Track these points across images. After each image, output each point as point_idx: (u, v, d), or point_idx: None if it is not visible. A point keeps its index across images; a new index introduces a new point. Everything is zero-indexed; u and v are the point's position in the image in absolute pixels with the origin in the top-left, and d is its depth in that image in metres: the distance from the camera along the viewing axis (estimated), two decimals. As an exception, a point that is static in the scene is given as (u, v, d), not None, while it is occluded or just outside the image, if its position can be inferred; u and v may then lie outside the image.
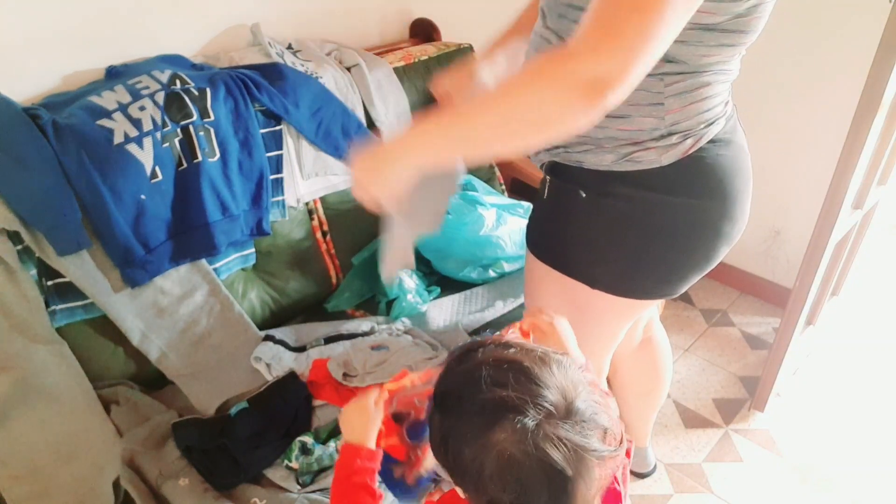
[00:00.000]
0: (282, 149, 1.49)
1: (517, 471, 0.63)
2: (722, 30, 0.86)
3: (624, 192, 0.97)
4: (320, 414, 1.30)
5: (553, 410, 0.64)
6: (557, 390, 0.65)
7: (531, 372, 0.66)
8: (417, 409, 1.03)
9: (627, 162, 0.95)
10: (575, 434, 0.63)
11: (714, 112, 0.95)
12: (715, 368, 2.11)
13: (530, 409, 0.63)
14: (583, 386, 0.68)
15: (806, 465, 1.80)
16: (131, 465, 1.18)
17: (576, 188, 1.01)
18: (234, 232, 1.42)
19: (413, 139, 0.83)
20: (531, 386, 0.65)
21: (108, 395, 1.30)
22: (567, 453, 0.62)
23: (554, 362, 0.69)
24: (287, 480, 1.17)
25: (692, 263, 1.04)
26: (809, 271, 1.67)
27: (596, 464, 0.64)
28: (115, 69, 1.39)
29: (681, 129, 0.94)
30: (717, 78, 0.93)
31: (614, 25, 0.69)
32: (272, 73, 1.48)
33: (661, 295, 1.09)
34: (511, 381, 0.66)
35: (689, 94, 0.92)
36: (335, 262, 1.67)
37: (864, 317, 2.31)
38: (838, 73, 1.89)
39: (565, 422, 0.64)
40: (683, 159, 0.95)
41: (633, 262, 1.03)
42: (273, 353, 1.39)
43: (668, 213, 0.98)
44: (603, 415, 0.67)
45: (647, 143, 0.94)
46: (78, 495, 1.16)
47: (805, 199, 2.09)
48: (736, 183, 0.99)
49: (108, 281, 1.27)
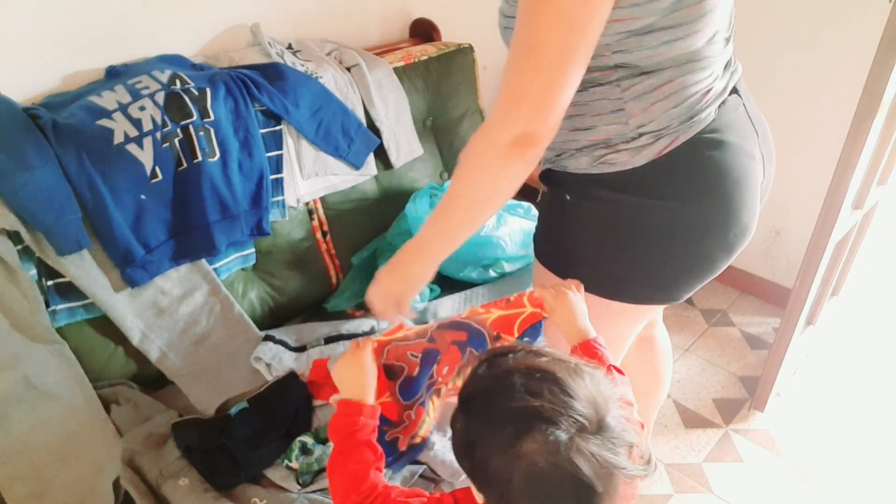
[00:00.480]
0: (282, 149, 1.49)
1: (547, 484, 0.62)
2: (660, 28, 0.84)
3: (602, 195, 0.97)
4: (320, 414, 1.30)
5: (586, 424, 0.63)
6: (589, 403, 0.64)
7: (564, 383, 0.65)
8: (410, 363, 1.01)
9: (602, 164, 0.95)
10: (605, 450, 0.62)
11: (687, 105, 0.91)
12: (715, 368, 2.11)
13: (563, 421, 0.62)
14: (613, 401, 0.66)
15: (806, 465, 1.80)
16: (131, 465, 1.18)
17: (562, 192, 1.02)
18: (234, 232, 1.42)
19: (414, 267, 0.99)
20: (564, 397, 0.64)
21: (108, 395, 1.30)
22: (598, 469, 0.61)
23: (587, 374, 0.68)
24: (287, 480, 1.17)
25: (684, 269, 1.01)
26: (809, 271, 1.67)
27: (623, 481, 0.63)
28: (115, 69, 1.39)
29: (649, 129, 0.91)
30: (682, 71, 0.89)
31: (519, 89, 0.80)
32: (272, 73, 1.48)
33: (657, 300, 1.07)
34: (544, 391, 0.64)
35: (649, 95, 0.89)
36: (335, 262, 1.67)
37: (864, 317, 2.31)
38: (838, 73, 1.89)
39: (596, 436, 0.63)
40: (659, 159, 0.92)
41: (618, 264, 1.01)
42: (273, 353, 1.39)
43: (648, 215, 0.95)
44: (631, 432, 0.66)
45: (618, 145, 0.93)
46: (78, 495, 1.16)
47: (805, 199, 2.09)
48: (725, 185, 0.94)
49: (108, 281, 1.27)
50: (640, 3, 0.81)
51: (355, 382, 0.87)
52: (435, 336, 1.01)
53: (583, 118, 0.93)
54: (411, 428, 1.05)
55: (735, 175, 0.95)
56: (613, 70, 0.88)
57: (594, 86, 0.90)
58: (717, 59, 0.93)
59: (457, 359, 1.01)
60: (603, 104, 0.91)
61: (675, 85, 0.89)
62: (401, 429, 1.04)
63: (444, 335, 1.01)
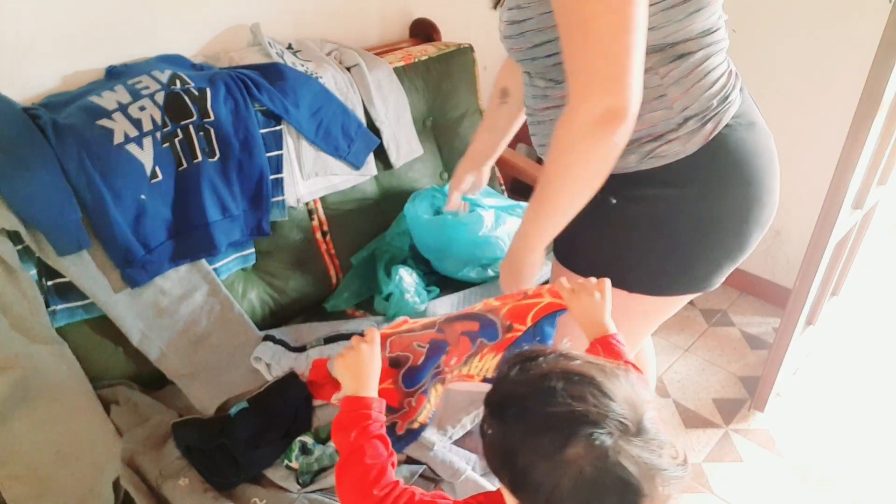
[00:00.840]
0: (282, 149, 1.49)
1: (594, 488, 0.62)
2: (683, 1, 0.87)
3: (652, 194, 0.98)
4: (320, 414, 1.30)
5: (628, 426, 0.63)
6: (628, 405, 0.64)
7: (603, 385, 0.65)
8: (416, 353, 1.00)
9: (652, 159, 0.96)
10: (647, 452, 0.62)
11: (721, 86, 0.95)
12: (715, 368, 2.11)
13: (607, 425, 0.62)
14: (647, 401, 0.66)
15: (806, 465, 1.80)
16: (131, 465, 1.18)
17: (606, 196, 0.99)
18: (234, 232, 1.42)
19: (531, 240, 1.00)
20: (605, 400, 0.63)
21: (108, 395, 1.30)
22: (642, 471, 0.61)
23: (621, 376, 0.67)
24: (287, 480, 1.17)
25: (726, 254, 1.04)
26: (809, 271, 1.67)
27: (661, 482, 0.63)
28: (115, 69, 1.39)
29: (694, 112, 0.94)
30: (708, 51, 0.93)
31: (586, 67, 0.82)
32: (272, 73, 1.48)
33: (698, 289, 1.09)
34: (586, 395, 0.64)
35: (686, 78, 0.92)
36: (335, 262, 1.67)
37: (864, 317, 2.31)
38: (838, 73, 1.89)
39: (638, 438, 0.63)
40: (708, 145, 0.95)
41: (667, 261, 1.03)
42: (273, 353, 1.39)
43: (697, 208, 0.98)
44: (664, 431, 0.66)
45: (667, 135, 0.95)
46: (78, 495, 1.16)
47: (805, 199, 2.08)
48: (761, 166, 0.99)
49: (108, 281, 1.27)
50: None
51: (360, 377, 0.86)
52: (444, 327, 1.01)
53: None
54: (410, 414, 1.04)
55: (767, 154, 1.00)
56: (648, 56, 0.88)
57: None
58: (724, 44, 0.97)
59: (466, 349, 1.01)
60: (645, 92, 0.90)
61: (706, 66, 0.93)
62: (399, 415, 1.04)
63: (454, 326, 1.01)
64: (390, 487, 0.77)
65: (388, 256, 1.65)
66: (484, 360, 1.02)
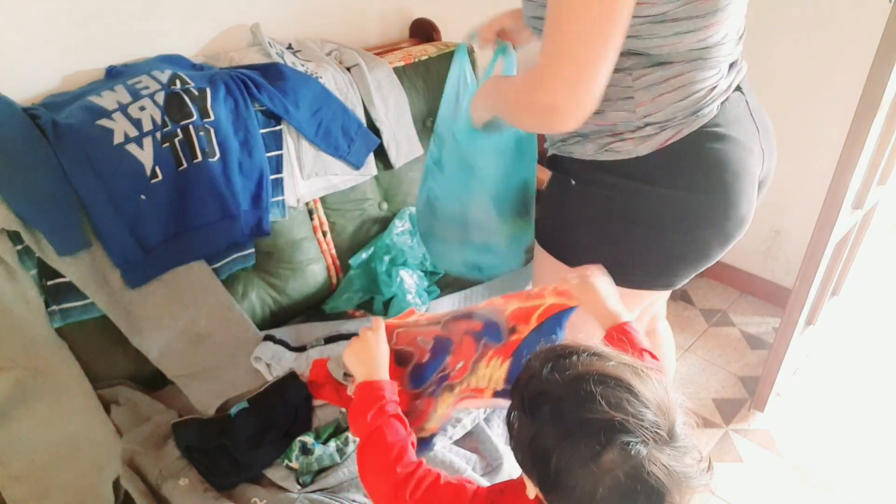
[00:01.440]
0: (282, 149, 1.49)
1: (628, 495, 0.63)
2: (673, 19, 0.86)
3: (607, 180, 1.00)
4: (320, 414, 1.30)
5: (662, 434, 0.64)
6: (661, 411, 0.65)
7: (638, 392, 0.65)
8: (420, 349, 1.00)
9: (607, 152, 0.98)
10: (676, 461, 0.63)
11: (693, 100, 0.94)
12: (715, 368, 2.11)
13: (642, 433, 0.63)
14: (678, 407, 0.67)
15: (806, 465, 1.80)
16: (131, 465, 1.18)
17: (567, 177, 1.05)
18: (234, 232, 1.42)
19: (489, 98, 1.05)
20: (641, 408, 0.64)
21: (108, 395, 1.30)
22: (673, 479, 0.63)
23: (654, 378, 0.68)
24: (287, 480, 1.17)
25: (679, 256, 1.04)
26: (809, 271, 1.67)
27: (688, 488, 0.64)
28: (115, 69, 1.39)
29: (655, 120, 0.94)
30: (692, 66, 0.92)
31: (555, 59, 0.82)
32: (272, 73, 1.48)
33: (652, 286, 1.09)
34: (623, 402, 0.64)
35: (658, 86, 0.92)
36: (335, 262, 1.67)
37: (864, 317, 2.31)
38: (838, 73, 1.89)
39: (669, 447, 0.64)
40: (662, 149, 0.95)
41: (616, 250, 1.04)
42: (273, 353, 1.39)
43: (649, 202, 0.99)
44: (692, 435, 0.67)
45: (624, 133, 0.96)
46: (78, 495, 1.16)
47: (805, 199, 2.09)
48: (724, 177, 0.97)
49: (108, 281, 1.27)
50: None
51: (370, 363, 0.86)
52: (448, 325, 1.00)
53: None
54: (419, 419, 1.03)
55: (734, 167, 0.98)
56: (626, 57, 0.90)
57: None
58: (725, 59, 0.96)
59: (471, 351, 1.00)
60: (613, 90, 0.92)
61: (683, 79, 0.92)
62: (412, 418, 1.03)
63: (458, 324, 1.00)
64: (413, 466, 0.77)
65: (388, 258, 1.65)
66: (491, 367, 1.00)
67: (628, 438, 0.62)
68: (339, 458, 1.18)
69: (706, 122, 0.95)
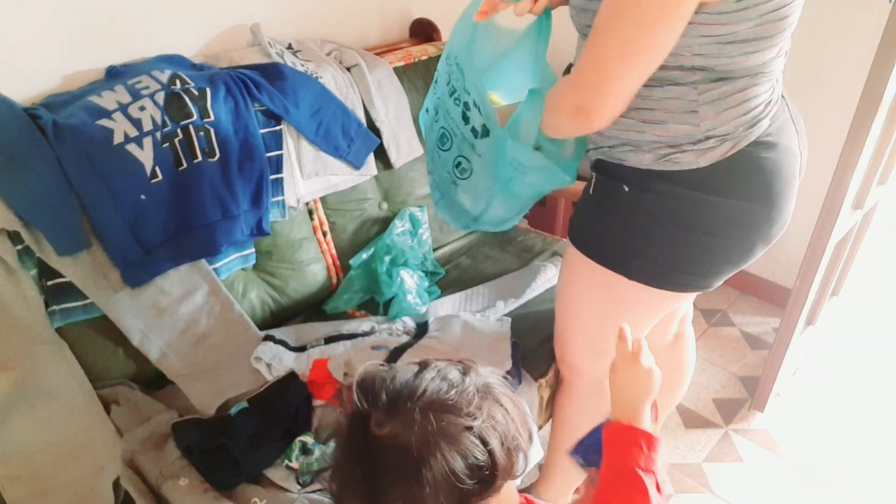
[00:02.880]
0: (282, 149, 1.49)
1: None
2: (743, 39, 0.89)
3: (664, 189, 1.01)
4: (320, 414, 1.30)
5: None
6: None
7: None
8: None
9: (666, 162, 0.99)
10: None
11: (753, 115, 0.97)
12: (715, 368, 2.11)
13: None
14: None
15: (806, 465, 1.80)
16: (131, 465, 1.18)
17: (619, 183, 1.05)
18: (234, 232, 1.41)
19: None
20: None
21: (108, 395, 1.30)
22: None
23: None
24: (287, 480, 1.17)
25: (727, 260, 1.07)
26: (809, 271, 1.67)
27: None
28: (115, 69, 1.39)
29: (717, 133, 0.96)
30: (754, 81, 0.95)
31: (588, 67, 0.89)
32: (272, 73, 1.48)
33: (695, 288, 1.12)
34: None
35: (723, 101, 0.94)
36: (335, 262, 1.67)
37: (864, 317, 2.31)
38: (838, 73, 1.89)
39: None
40: (722, 161, 0.97)
41: (669, 255, 1.06)
42: (273, 353, 1.39)
43: (706, 210, 1.01)
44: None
45: (685, 146, 0.97)
46: (78, 495, 1.16)
47: (805, 199, 2.07)
48: (776, 185, 1.01)
49: (108, 281, 1.27)
50: (728, 12, 0.85)
51: (633, 399, 0.80)
52: None
53: (654, 112, 0.97)
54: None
55: (785, 175, 1.02)
56: (692, 72, 0.92)
57: (671, 84, 0.94)
58: (779, 72, 1.01)
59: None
60: (678, 103, 0.95)
61: (746, 94, 0.95)
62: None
63: None
64: None
65: (387, 258, 1.65)
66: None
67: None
68: (339, 458, 1.18)
69: (763, 132, 0.98)
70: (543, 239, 1.88)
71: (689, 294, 1.15)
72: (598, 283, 1.14)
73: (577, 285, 1.20)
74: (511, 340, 1.42)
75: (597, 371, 1.31)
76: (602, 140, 1.05)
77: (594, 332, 1.23)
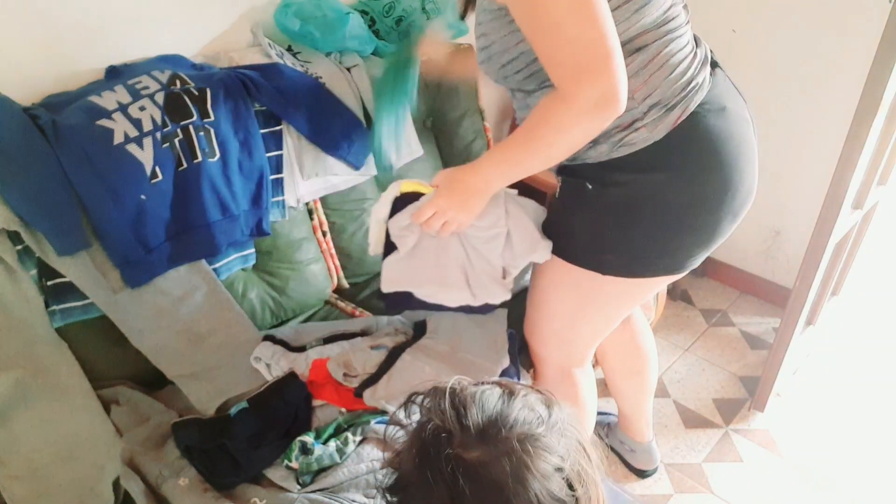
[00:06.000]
0: (282, 149, 1.49)
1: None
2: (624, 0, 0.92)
3: (625, 179, 1.02)
4: (320, 414, 1.30)
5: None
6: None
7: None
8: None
9: (623, 147, 1.00)
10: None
11: (683, 70, 0.99)
12: (715, 368, 2.11)
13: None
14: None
15: (806, 465, 1.80)
16: (131, 465, 1.18)
17: (582, 182, 1.06)
18: (234, 232, 1.42)
19: (492, 173, 1.06)
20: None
21: (108, 395, 1.30)
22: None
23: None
24: (287, 480, 1.17)
25: (696, 239, 1.08)
26: (809, 271, 1.67)
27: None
28: (115, 69, 1.39)
29: (656, 99, 0.98)
30: (665, 39, 0.97)
31: (577, 65, 0.88)
32: (272, 73, 1.48)
33: (670, 272, 1.13)
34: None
35: (644, 69, 0.97)
36: (335, 262, 1.67)
37: (864, 317, 2.31)
38: (838, 73, 1.89)
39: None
40: (675, 130, 0.98)
41: (640, 243, 1.07)
42: (273, 353, 1.39)
43: (668, 190, 1.02)
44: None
45: (634, 123, 0.99)
46: (78, 495, 1.16)
47: (805, 199, 2.08)
48: (732, 151, 1.02)
49: (108, 281, 1.27)
50: None
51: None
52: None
53: None
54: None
55: (737, 140, 1.03)
56: None
57: None
58: (686, 26, 1.01)
59: None
60: None
61: (663, 56, 0.97)
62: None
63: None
64: None
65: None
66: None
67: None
68: (338, 458, 1.18)
69: (705, 98, 1.00)
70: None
71: (662, 280, 1.16)
72: (571, 281, 1.16)
73: (548, 282, 1.23)
74: (508, 332, 1.41)
75: (561, 360, 1.34)
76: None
77: (563, 325, 1.26)
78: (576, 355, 1.33)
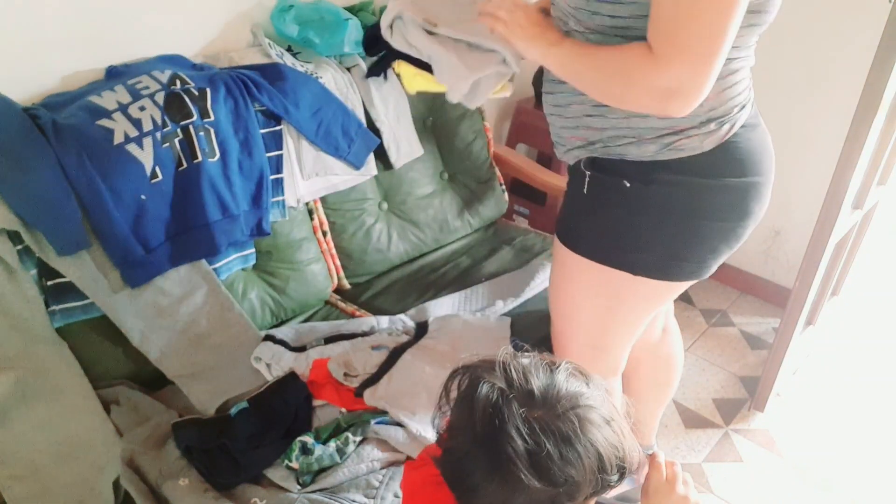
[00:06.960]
0: (282, 149, 1.49)
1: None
2: (750, 11, 0.89)
3: (668, 178, 1.01)
4: (320, 414, 1.30)
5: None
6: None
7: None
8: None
9: (670, 151, 0.99)
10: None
11: (743, 96, 1.00)
12: (715, 368, 2.11)
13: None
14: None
15: (806, 465, 1.80)
16: (131, 465, 1.18)
17: (619, 179, 1.04)
18: (234, 232, 1.42)
19: (550, 51, 0.99)
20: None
21: (108, 395, 1.30)
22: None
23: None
24: (287, 480, 1.17)
25: (726, 242, 1.09)
26: (809, 271, 1.67)
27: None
28: (115, 69, 1.39)
29: (717, 115, 0.98)
30: (742, 64, 0.98)
31: (685, 41, 0.83)
32: (272, 73, 1.48)
33: (696, 276, 1.12)
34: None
35: (721, 82, 0.95)
36: (335, 262, 1.67)
37: (864, 317, 2.31)
38: (838, 73, 1.89)
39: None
40: (722, 144, 0.99)
41: (676, 245, 1.07)
42: (273, 353, 1.39)
43: (711, 195, 1.03)
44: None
45: (689, 130, 0.98)
46: (78, 495, 1.16)
47: (805, 199, 2.09)
48: (766, 163, 1.05)
49: (108, 281, 1.27)
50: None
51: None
52: None
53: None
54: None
55: (770, 152, 1.07)
56: None
57: None
58: (753, 56, 1.02)
59: None
60: None
61: (737, 76, 0.98)
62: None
63: None
64: None
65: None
66: None
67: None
68: (338, 458, 1.18)
69: (749, 115, 1.02)
70: (543, 239, 1.89)
71: (688, 283, 1.16)
72: (599, 283, 1.13)
73: (575, 287, 1.18)
74: (511, 340, 1.42)
75: (596, 369, 1.31)
76: (595, 135, 1.03)
77: (595, 332, 1.23)
78: (611, 363, 1.29)
